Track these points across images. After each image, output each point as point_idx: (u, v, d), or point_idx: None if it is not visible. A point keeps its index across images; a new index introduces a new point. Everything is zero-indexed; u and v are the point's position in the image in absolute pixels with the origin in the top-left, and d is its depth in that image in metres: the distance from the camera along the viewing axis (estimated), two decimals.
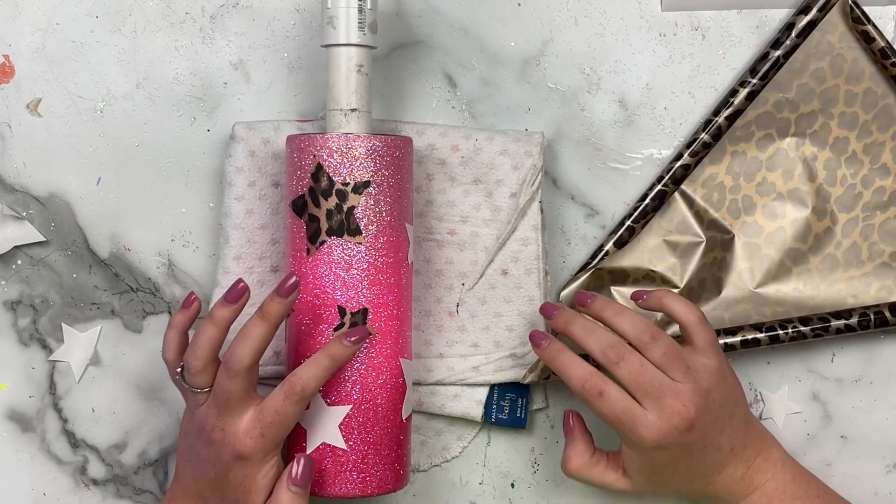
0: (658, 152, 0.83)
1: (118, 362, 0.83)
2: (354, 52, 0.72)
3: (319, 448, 0.72)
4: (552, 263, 0.83)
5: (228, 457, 0.69)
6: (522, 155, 0.79)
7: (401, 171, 0.73)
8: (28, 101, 0.82)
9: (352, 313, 0.72)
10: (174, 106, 0.82)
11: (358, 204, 0.71)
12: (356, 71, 0.73)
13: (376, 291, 0.72)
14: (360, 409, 0.72)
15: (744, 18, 0.82)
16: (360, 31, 0.72)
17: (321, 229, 0.72)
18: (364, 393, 0.72)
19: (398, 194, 0.72)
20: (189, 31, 0.81)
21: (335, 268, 0.72)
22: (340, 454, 0.72)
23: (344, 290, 0.72)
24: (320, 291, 0.72)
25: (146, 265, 0.83)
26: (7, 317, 0.83)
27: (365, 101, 0.73)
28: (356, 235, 0.71)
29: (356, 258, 0.72)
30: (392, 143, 0.72)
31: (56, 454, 0.84)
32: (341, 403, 0.72)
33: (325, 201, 0.71)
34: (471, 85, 0.82)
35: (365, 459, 0.72)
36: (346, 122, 0.73)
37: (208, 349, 0.70)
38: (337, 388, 0.72)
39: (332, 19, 0.72)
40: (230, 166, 0.79)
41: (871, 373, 0.85)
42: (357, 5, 0.72)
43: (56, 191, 0.82)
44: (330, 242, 0.72)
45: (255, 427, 0.69)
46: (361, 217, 0.71)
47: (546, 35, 0.82)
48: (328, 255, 0.72)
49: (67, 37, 0.81)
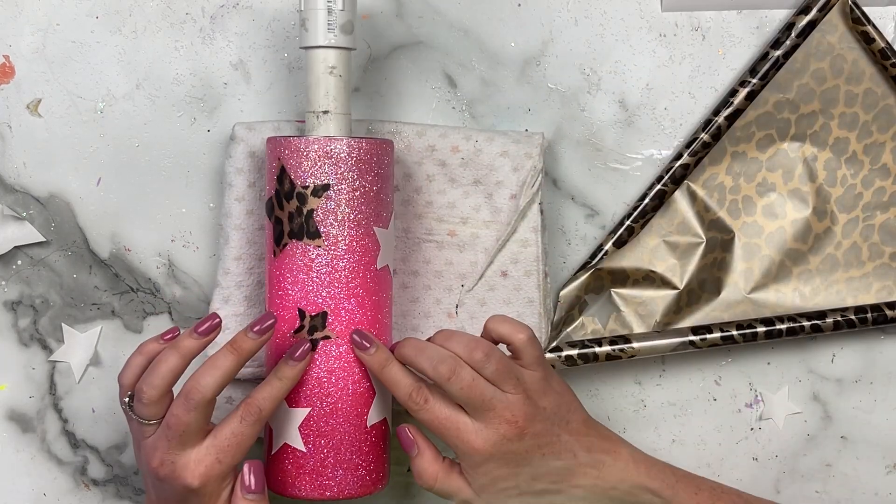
0: (658, 153, 0.83)
1: (118, 363, 0.83)
2: (327, 55, 0.72)
3: (281, 448, 0.72)
4: (552, 264, 0.83)
5: (182, 490, 0.68)
6: (522, 156, 0.79)
7: (368, 175, 0.72)
8: (28, 102, 0.82)
9: (311, 316, 0.72)
10: (174, 106, 0.82)
11: (317, 207, 0.71)
12: (328, 73, 0.72)
13: (337, 295, 0.72)
14: (320, 412, 0.72)
15: (744, 19, 0.82)
16: (331, 33, 0.72)
17: (284, 231, 0.72)
18: (324, 396, 0.72)
19: (364, 198, 0.72)
20: (189, 32, 0.81)
21: (296, 270, 0.72)
22: (300, 456, 0.72)
23: (304, 293, 0.72)
24: (283, 293, 0.72)
25: (146, 265, 0.83)
26: (7, 317, 0.83)
27: (339, 102, 0.73)
28: (315, 238, 0.71)
29: (316, 261, 0.71)
30: (356, 145, 0.71)
31: (56, 454, 0.84)
32: (301, 406, 0.72)
33: (288, 204, 0.71)
34: (471, 85, 0.82)
35: (324, 462, 0.72)
36: (318, 125, 0.73)
37: (168, 379, 0.68)
38: (298, 390, 0.72)
39: (305, 21, 0.72)
40: (230, 167, 0.79)
41: (871, 373, 0.85)
42: (326, 7, 0.71)
43: (56, 191, 0.82)
44: (291, 245, 0.72)
45: (210, 453, 0.68)
46: (321, 220, 0.71)
47: (546, 35, 0.82)
48: (290, 258, 0.72)
49: (68, 37, 0.81)
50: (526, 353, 0.72)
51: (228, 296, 0.79)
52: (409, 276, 0.81)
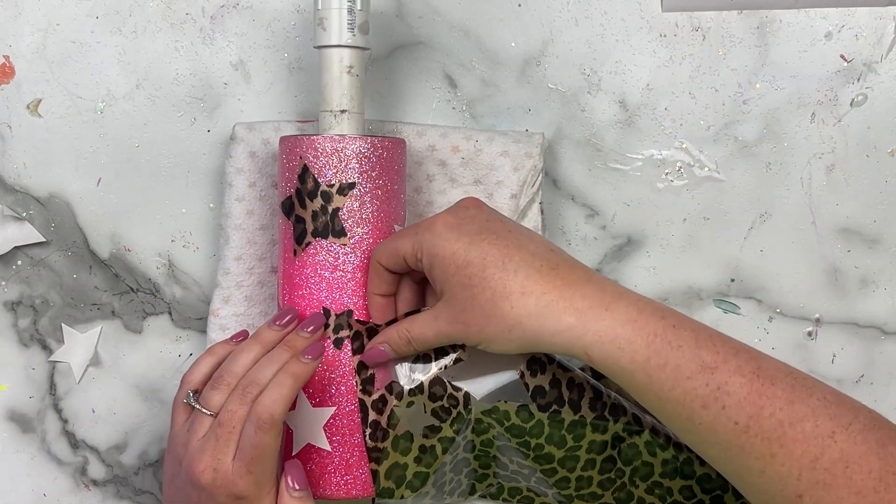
0: (658, 153, 0.83)
1: (118, 363, 0.83)
2: (344, 54, 0.72)
3: (304, 449, 0.72)
4: None
5: (224, 498, 0.66)
6: (523, 156, 0.79)
7: (389, 173, 0.72)
8: (28, 102, 0.82)
9: (336, 315, 0.72)
10: (174, 106, 0.82)
11: (343, 205, 0.71)
12: (346, 72, 0.72)
13: (362, 293, 0.72)
14: (345, 411, 0.71)
15: (744, 19, 0.82)
16: (350, 33, 0.72)
17: (307, 230, 0.72)
18: (349, 395, 0.71)
19: (386, 196, 0.72)
20: (189, 32, 0.81)
21: (320, 269, 0.72)
22: (325, 456, 0.72)
23: (328, 291, 0.72)
24: (306, 293, 0.72)
25: (146, 266, 0.83)
26: (7, 317, 0.83)
27: (356, 102, 0.73)
28: (341, 237, 0.71)
29: (341, 260, 0.71)
30: (379, 144, 0.72)
31: (56, 455, 0.84)
32: (326, 405, 0.72)
33: (311, 202, 0.71)
34: (471, 85, 0.82)
35: (349, 462, 0.72)
36: (336, 124, 0.73)
37: (248, 368, 0.69)
38: (322, 389, 0.72)
39: (323, 21, 0.72)
40: (231, 167, 0.79)
41: (872, 373, 0.85)
42: (347, 6, 0.72)
43: (56, 191, 0.82)
44: (315, 244, 0.72)
45: (241, 466, 0.65)
46: (346, 219, 0.71)
47: (546, 35, 0.82)
48: (313, 257, 0.72)
49: (68, 37, 0.81)
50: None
51: (229, 296, 0.79)
52: None
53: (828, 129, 0.83)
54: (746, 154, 0.83)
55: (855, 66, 0.82)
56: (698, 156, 0.83)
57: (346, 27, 0.72)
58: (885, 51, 0.82)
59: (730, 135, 0.83)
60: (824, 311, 0.84)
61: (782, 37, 0.82)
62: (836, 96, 0.82)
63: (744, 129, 0.82)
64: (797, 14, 0.82)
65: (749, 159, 0.83)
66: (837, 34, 0.82)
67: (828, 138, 0.83)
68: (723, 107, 0.82)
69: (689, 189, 0.83)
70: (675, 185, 0.83)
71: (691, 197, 0.83)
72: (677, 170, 0.83)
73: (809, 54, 0.82)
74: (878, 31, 0.82)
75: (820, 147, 0.83)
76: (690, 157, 0.83)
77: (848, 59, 0.82)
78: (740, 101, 0.82)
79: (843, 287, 0.84)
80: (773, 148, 0.83)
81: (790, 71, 0.82)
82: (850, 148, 0.83)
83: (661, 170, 0.83)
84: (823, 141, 0.83)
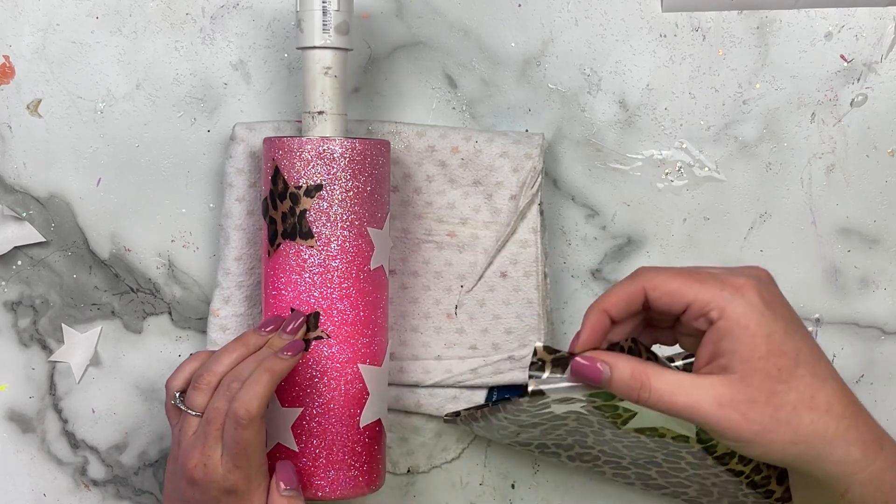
0: (658, 153, 0.83)
1: (118, 363, 0.84)
2: (321, 55, 0.72)
3: (275, 448, 0.73)
4: (553, 264, 0.83)
5: (216, 492, 0.68)
6: (522, 157, 0.79)
7: (362, 175, 0.72)
8: (28, 102, 0.82)
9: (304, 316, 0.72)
10: (174, 107, 0.82)
11: (310, 207, 0.71)
12: (323, 74, 0.73)
13: (329, 295, 0.72)
14: (312, 412, 0.72)
15: (744, 19, 0.82)
16: (325, 34, 0.72)
17: (277, 231, 0.72)
18: (316, 397, 0.72)
19: (358, 198, 0.72)
20: (189, 32, 0.81)
21: (289, 270, 0.72)
22: (292, 455, 0.72)
23: (296, 292, 0.72)
24: (277, 293, 0.73)
25: (146, 266, 0.83)
26: (7, 317, 0.83)
27: (334, 103, 0.73)
28: (308, 239, 0.71)
29: (308, 261, 0.72)
30: (349, 146, 0.71)
31: (56, 455, 0.84)
32: (293, 406, 0.72)
33: (281, 204, 0.72)
34: (471, 85, 0.82)
35: (316, 462, 0.72)
36: (313, 125, 0.73)
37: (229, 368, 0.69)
38: (290, 390, 0.72)
39: (301, 22, 0.73)
40: (231, 167, 0.79)
41: (872, 373, 0.85)
42: (321, 7, 0.72)
43: (56, 191, 0.82)
44: (284, 245, 0.72)
45: (228, 461, 0.67)
46: (314, 221, 0.71)
47: (546, 35, 0.82)
48: (283, 258, 0.72)
49: (67, 37, 0.81)
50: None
51: (229, 296, 0.79)
52: (409, 276, 0.81)
53: (828, 129, 0.83)
54: (746, 154, 0.83)
55: (855, 66, 0.82)
56: (698, 156, 0.83)
57: (321, 28, 0.72)
58: (885, 51, 0.82)
59: (730, 135, 0.83)
60: (824, 311, 0.84)
61: (782, 37, 0.82)
62: (837, 96, 0.82)
63: (744, 129, 0.82)
64: (797, 14, 0.82)
65: (749, 159, 0.83)
66: (837, 34, 0.82)
67: (828, 138, 0.83)
68: (723, 107, 0.82)
69: (689, 189, 0.83)
70: (675, 185, 0.83)
71: (691, 197, 0.83)
72: (677, 170, 0.83)
73: (809, 54, 0.82)
74: (878, 31, 0.82)
75: (820, 147, 0.83)
76: (690, 157, 0.83)
77: (848, 59, 0.82)
78: (740, 101, 0.82)
79: (843, 287, 0.84)
80: (774, 148, 0.83)
81: (790, 71, 0.82)
82: (850, 148, 0.83)
83: (661, 170, 0.83)
84: (823, 141, 0.83)
